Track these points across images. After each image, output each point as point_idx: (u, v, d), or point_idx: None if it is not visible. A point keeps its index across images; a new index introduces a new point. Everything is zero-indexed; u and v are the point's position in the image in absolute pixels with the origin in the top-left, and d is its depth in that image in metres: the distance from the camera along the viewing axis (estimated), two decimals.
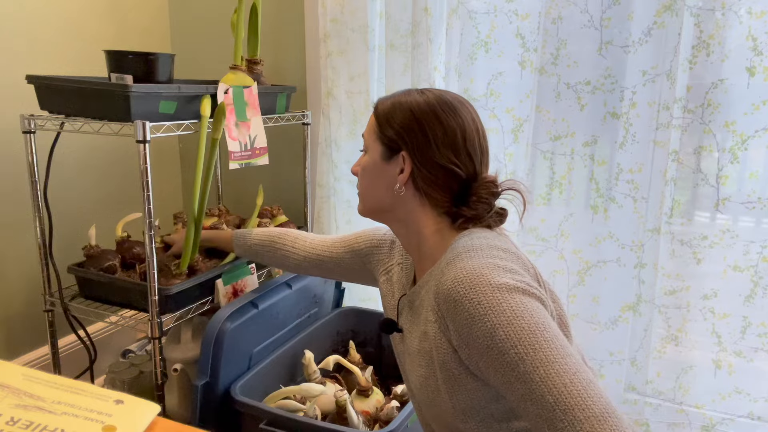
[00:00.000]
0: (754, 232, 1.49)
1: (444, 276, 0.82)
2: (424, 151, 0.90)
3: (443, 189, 0.92)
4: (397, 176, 0.93)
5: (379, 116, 0.95)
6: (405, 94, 0.95)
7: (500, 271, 0.79)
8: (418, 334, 0.91)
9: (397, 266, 1.10)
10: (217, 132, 1.48)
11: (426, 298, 0.90)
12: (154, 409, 0.80)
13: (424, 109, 0.91)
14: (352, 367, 1.50)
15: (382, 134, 0.94)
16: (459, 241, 0.88)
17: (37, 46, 1.74)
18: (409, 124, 0.91)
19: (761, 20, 1.38)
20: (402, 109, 0.92)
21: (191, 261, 1.51)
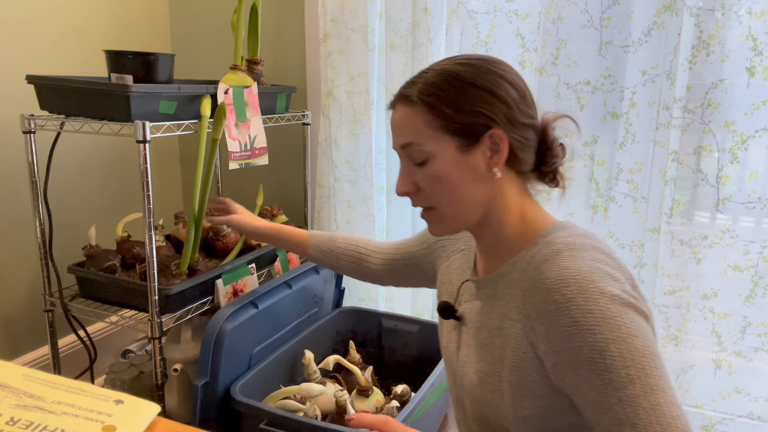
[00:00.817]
0: (754, 232, 1.49)
1: (542, 274, 0.73)
2: (510, 118, 0.79)
3: (531, 149, 0.83)
4: (485, 163, 0.79)
5: (433, 108, 0.79)
6: (438, 75, 0.80)
7: (610, 280, 0.71)
8: (488, 328, 0.83)
9: (459, 252, 0.99)
10: (217, 132, 1.48)
11: (507, 291, 0.81)
12: (154, 409, 0.80)
13: (486, 75, 0.79)
14: (352, 367, 1.50)
15: (452, 124, 0.78)
16: (554, 235, 0.79)
17: (37, 46, 1.74)
18: (484, 97, 0.78)
19: (761, 20, 1.38)
20: (464, 86, 0.78)
21: (191, 261, 1.51)
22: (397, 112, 0.83)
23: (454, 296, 0.95)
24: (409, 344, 1.79)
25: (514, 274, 0.80)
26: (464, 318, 0.90)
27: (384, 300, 1.99)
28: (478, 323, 0.86)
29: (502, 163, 0.80)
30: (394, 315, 1.82)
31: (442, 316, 0.93)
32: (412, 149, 0.81)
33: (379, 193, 1.93)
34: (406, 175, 0.84)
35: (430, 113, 0.79)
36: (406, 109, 0.81)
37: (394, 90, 1.83)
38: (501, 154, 0.79)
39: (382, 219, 1.94)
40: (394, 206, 1.90)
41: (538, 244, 0.79)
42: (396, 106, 0.84)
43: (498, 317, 0.81)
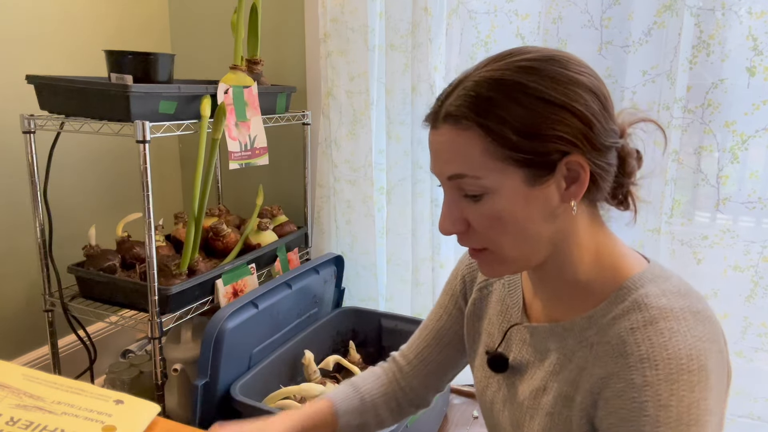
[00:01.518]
0: (754, 232, 1.49)
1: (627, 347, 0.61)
2: (591, 140, 0.62)
3: (612, 174, 0.66)
4: (558, 196, 0.63)
5: (492, 133, 0.61)
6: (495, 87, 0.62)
7: (717, 364, 0.60)
8: (555, 393, 0.69)
9: (498, 282, 0.83)
10: (217, 132, 1.48)
11: (579, 354, 0.67)
12: (154, 409, 0.80)
13: (559, 84, 0.61)
14: (352, 367, 1.50)
15: (519, 153, 0.60)
16: (644, 290, 0.64)
17: (37, 46, 1.74)
18: (560, 115, 0.60)
19: (761, 20, 1.38)
20: (532, 102, 0.60)
21: (191, 261, 1.51)
22: (442, 134, 0.64)
23: (498, 340, 0.79)
24: None
25: (590, 332, 0.66)
26: (516, 370, 0.75)
27: (384, 300, 1.99)
28: (541, 383, 0.71)
29: (581, 194, 0.63)
30: (394, 315, 1.82)
31: (494, 369, 0.77)
32: (464, 181, 0.63)
33: (379, 193, 1.93)
34: (455, 209, 0.66)
35: (490, 140, 0.61)
36: (455, 132, 0.62)
37: (395, 89, 1.84)
38: (581, 185, 0.63)
39: (382, 219, 1.94)
40: (394, 206, 1.90)
41: (625, 299, 0.64)
42: (437, 126, 0.64)
43: (567, 383, 0.67)
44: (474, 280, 0.87)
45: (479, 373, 0.83)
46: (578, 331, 0.67)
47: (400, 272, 1.96)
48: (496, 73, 0.62)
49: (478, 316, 0.85)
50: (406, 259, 1.92)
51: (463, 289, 0.88)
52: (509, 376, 0.76)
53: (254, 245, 1.75)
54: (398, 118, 1.83)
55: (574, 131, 0.61)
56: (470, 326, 0.86)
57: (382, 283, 1.98)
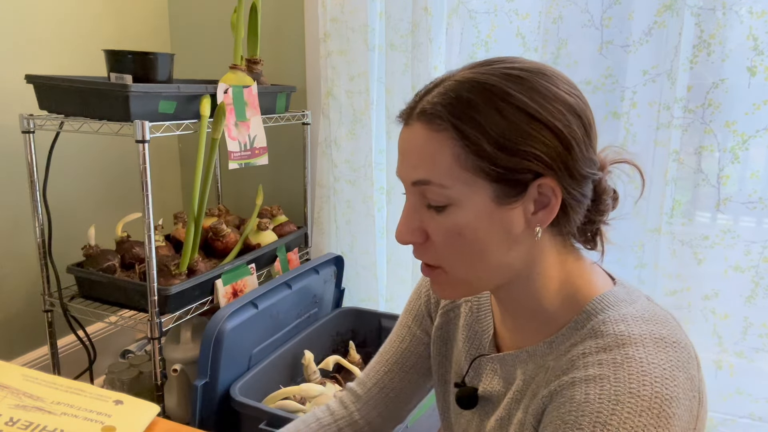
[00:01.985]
0: (755, 232, 1.49)
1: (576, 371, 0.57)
2: (569, 166, 0.58)
3: (585, 207, 0.62)
4: (524, 220, 0.59)
5: (467, 139, 0.56)
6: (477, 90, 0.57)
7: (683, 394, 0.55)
8: (516, 422, 0.65)
9: (465, 304, 0.78)
10: (217, 132, 1.48)
11: (536, 378, 0.64)
12: (154, 410, 0.80)
13: (545, 100, 0.57)
14: (352, 367, 1.50)
15: (492, 166, 0.56)
16: (603, 315, 0.60)
17: (37, 46, 1.74)
18: (541, 133, 0.56)
19: (762, 20, 1.38)
20: (514, 114, 0.56)
21: (191, 261, 1.51)
22: (413, 132, 0.59)
23: (465, 369, 0.75)
24: None
25: (549, 358, 0.63)
26: (487, 401, 0.71)
27: (384, 300, 1.99)
28: (504, 412, 0.67)
29: (548, 222, 0.59)
30: (394, 315, 1.82)
31: (463, 406, 0.72)
32: (429, 189, 0.59)
33: (379, 193, 1.93)
34: (415, 218, 0.61)
35: (464, 146, 0.56)
36: (426, 132, 0.58)
37: (395, 89, 1.84)
38: (549, 211, 0.59)
39: (382, 219, 1.94)
40: (394, 206, 1.90)
41: (583, 326, 0.61)
42: (410, 122, 0.60)
43: (523, 410, 0.64)
44: (438, 302, 0.81)
45: (450, 401, 0.78)
46: (539, 357, 0.64)
47: (400, 272, 1.95)
48: (481, 77, 0.58)
49: (445, 341, 0.79)
50: (406, 259, 1.92)
51: (428, 309, 0.83)
52: (481, 407, 0.72)
53: (254, 245, 1.75)
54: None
55: (552, 153, 0.57)
56: (437, 350, 0.80)
57: (382, 283, 1.97)
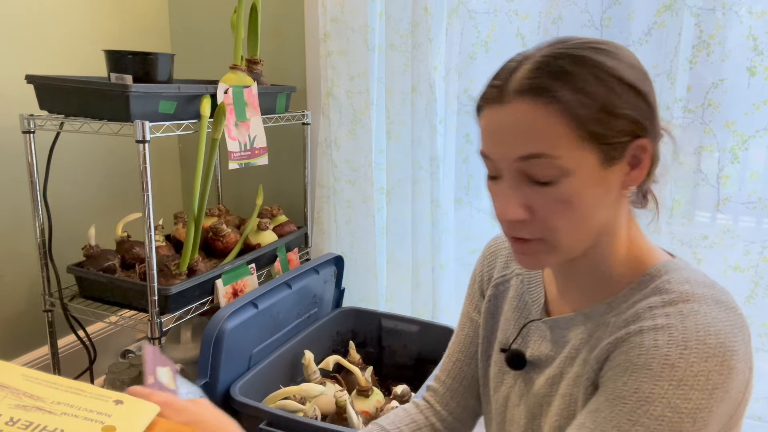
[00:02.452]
0: (754, 232, 1.49)
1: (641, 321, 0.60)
2: (654, 125, 0.63)
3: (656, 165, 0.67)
4: (620, 180, 0.63)
5: (581, 108, 0.58)
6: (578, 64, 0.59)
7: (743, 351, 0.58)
8: (569, 377, 0.68)
9: (516, 278, 0.81)
10: (217, 132, 1.48)
11: (595, 335, 0.66)
12: (154, 410, 0.80)
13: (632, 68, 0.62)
14: (352, 367, 1.50)
15: (601, 130, 0.59)
16: (667, 276, 0.63)
17: (37, 46, 1.74)
18: (634, 97, 0.60)
19: (762, 20, 1.38)
20: (613, 82, 0.59)
21: (191, 261, 1.51)
22: (515, 109, 0.60)
23: (513, 336, 0.78)
24: (410, 344, 1.79)
25: (609, 316, 0.65)
26: (534, 365, 0.74)
27: (384, 300, 1.99)
28: (557, 370, 0.70)
29: (641, 180, 0.64)
30: (394, 315, 1.82)
31: (513, 366, 0.76)
32: (539, 163, 0.60)
33: (379, 193, 1.93)
34: (518, 194, 0.62)
35: (574, 115, 0.58)
36: (532, 107, 0.59)
37: (395, 89, 1.84)
38: (642, 169, 0.63)
39: (382, 219, 1.94)
40: (394, 206, 1.90)
41: (646, 286, 0.64)
42: (507, 101, 0.61)
43: (579, 364, 0.67)
44: (491, 278, 0.85)
45: (493, 371, 0.81)
46: (597, 316, 0.67)
47: (400, 272, 1.96)
48: (570, 50, 0.60)
49: (493, 313, 0.83)
50: (406, 259, 1.92)
51: (481, 289, 0.87)
52: (526, 371, 0.75)
53: (254, 245, 1.75)
54: (398, 118, 1.83)
55: (644, 114, 0.61)
56: (485, 322, 0.84)
57: (382, 283, 1.97)
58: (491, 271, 0.85)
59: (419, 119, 1.75)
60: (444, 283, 1.83)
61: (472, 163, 1.78)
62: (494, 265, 0.85)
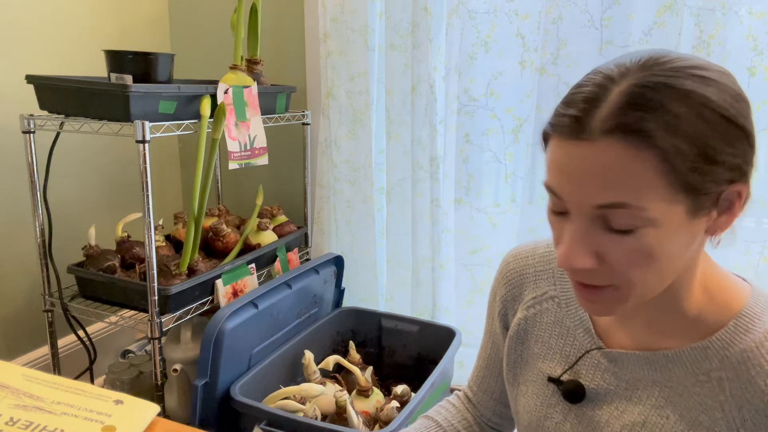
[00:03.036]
0: (754, 232, 1.49)
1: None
2: (752, 168, 0.55)
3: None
4: (705, 226, 0.55)
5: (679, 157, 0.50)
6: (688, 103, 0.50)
7: None
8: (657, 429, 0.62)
9: (551, 300, 0.74)
10: (217, 132, 1.48)
11: (698, 390, 0.60)
12: (154, 410, 0.80)
13: (741, 105, 0.53)
14: (352, 367, 1.50)
15: (697, 180, 0.51)
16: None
17: (37, 46, 1.74)
18: (742, 142, 0.52)
19: (762, 20, 1.38)
20: (725, 127, 0.51)
21: (191, 261, 1.51)
22: (599, 149, 0.51)
23: (563, 366, 0.71)
24: (409, 344, 1.79)
25: (709, 366, 0.59)
26: (591, 400, 0.67)
27: (384, 300, 1.99)
28: (639, 417, 0.64)
29: (728, 227, 0.56)
30: (394, 315, 1.82)
31: (570, 399, 0.68)
32: (620, 212, 0.52)
33: (379, 193, 1.93)
34: (589, 242, 0.55)
35: (670, 162, 0.50)
36: (623, 150, 0.50)
37: (395, 89, 1.84)
38: (732, 215, 0.55)
39: (382, 219, 1.94)
40: (394, 206, 1.90)
41: (750, 329, 0.58)
42: (591, 138, 0.51)
43: (686, 423, 0.61)
44: (516, 298, 0.78)
45: (533, 402, 0.74)
46: (689, 363, 0.60)
47: (400, 272, 1.96)
48: (671, 80, 0.51)
49: (522, 339, 0.76)
50: (406, 259, 1.92)
51: (503, 311, 0.81)
52: (581, 406, 0.68)
53: (254, 245, 1.75)
54: (398, 118, 1.83)
55: (745, 157, 0.53)
56: (512, 349, 0.77)
57: (382, 283, 1.98)
58: (518, 291, 0.78)
59: (419, 119, 1.75)
60: (444, 283, 1.83)
61: (472, 163, 1.78)
62: (522, 285, 0.78)
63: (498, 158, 1.75)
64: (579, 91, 0.54)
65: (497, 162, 1.75)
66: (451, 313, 1.88)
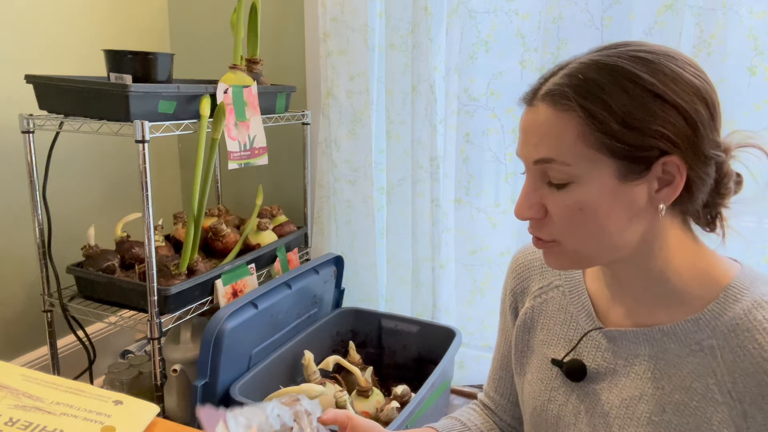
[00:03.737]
0: (755, 232, 1.49)
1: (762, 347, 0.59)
2: (694, 146, 0.59)
3: (708, 187, 0.63)
4: (647, 196, 0.61)
5: (594, 118, 0.58)
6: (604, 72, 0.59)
7: None
8: (661, 401, 0.65)
9: (554, 290, 0.79)
10: (217, 132, 1.48)
11: (692, 360, 0.63)
12: (153, 410, 0.79)
13: (672, 81, 0.58)
14: (352, 367, 1.50)
15: (618, 143, 0.58)
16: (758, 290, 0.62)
17: (37, 46, 1.74)
18: (667, 113, 0.58)
19: (762, 20, 1.38)
20: (641, 94, 0.58)
21: (190, 261, 1.51)
22: (537, 112, 0.62)
23: (566, 349, 0.74)
24: (409, 345, 1.79)
25: (701, 336, 0.63)
26: (593, 379, 0.71)
27: (384, 300, 1.99)
28: (635, 391, 0.67)
29: (672, 199, 0.61)
30: (394, 315, 1.82)
31: (572, 378, 0.72)
32: (551, 166, 0.61)
33: (379, 193, 1.93)
34: (534, 195, 0.64)
35: (589, 124, 0.58)
36: (553, 113, 0.60)
37: (395, 89, 1.84)
38: (674, 189, 0.60)
39: (382, 219, 1.94)
40: (394, 206, 1.90)
41: (738, 299, 0.62)
42: (536, 103, 0.63)
43: (682, 391, 0.64)
44: (525, 290, 0.82)
45: (537, 387, 0.76)
46: (683, 335, 0.64)
47: (400, 272, 1.95)
48: (608, 59, 0.60)
49: (529, 328, 0.80)
50: (406, 259, 1.92)
51: (513, 304, 0.84)
52: (582, 386, 0.71)
53: (254, 245, 1.75)
54: (398, 118, 1.82)
55: (678, 132, 0.58)
56: (519, 338, 0.80)
57: (382, 283, 1.97)
58: (527, 282, 0.83)
59: (419, 119, 1.74)
60: (444, 283, 1.83)
61: (472, 163, 1.78)
62: (529, 277, 0.82)
63: (498, 158, 1.74)
64: (547, 71, 0.65)
65: (497, 162, 1.75)
66: (451, 313, 1.87)
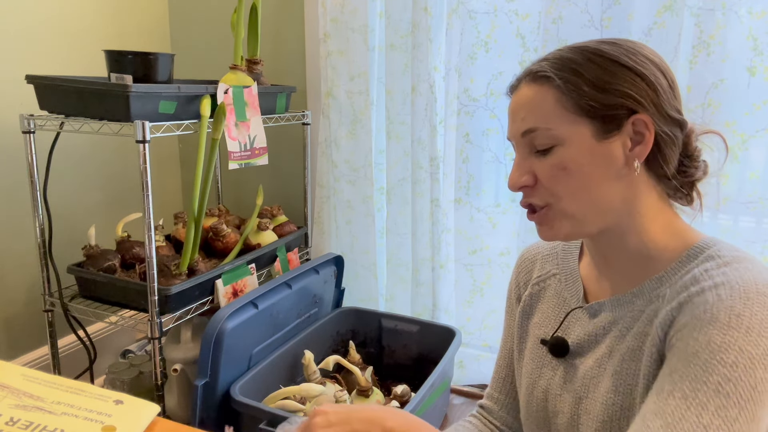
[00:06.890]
0: (754, 232, 1.49)
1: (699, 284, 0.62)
2: (658, 106, 0.67)
3: (677, 150, 0.70)
4: (623, 155, 0.67)
5: (568, 84, 0.67)
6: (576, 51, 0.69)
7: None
8: (620, 353, 0.70)
9: (551, 278, 0.84)
10: (217, 132, 1.48)
11: (649, 309, 0.69)
12: (154, 410, 0.80)
13: (632, 55, 0.68)
14: (352, 367, 1.50)
15: (591, 103, 0.66)
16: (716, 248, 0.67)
17: (37, 46, 1.74)
18: (631, 77, 0.66)
19: (762, 20, 1.38)
20: (607, 64, 0.67)
21: (191, 261, 1.51)
22: (521, 92, 0.71)
23: (555, 327, 0.80)
24: (409, 344, 1.79)
25: (661, 289, 0.68)
26: (576, 353, 0.76)
27: (384, 300, 1.99)
28: (606, 350, 0.72)
29: (645, 156, 0.67)
30: (394, 315, 1.82)
31: (556, 354, 0.77)
32: (536, 134, 0.68)
33: (379, 193, 1.93)
34: (525, 164, 0.70)
35: (565, 91, 0.67)
36: (534, 88, 0.69)
37: (395, 89, 1.84)
38: (645, 145, 0.67)
39: (382, 219, 1.94)
40: (394, 206, 1.90)
41: (696, 257, 0.67)
42: (519, 86, 0.72)
43: (634, 338, 0.69)
44: (528, 280, 0.87)
45: (530, 366, 0.81)
46: (648, 291, 0.69)
47: (400, 272, 1.96)
48: (580, 44, 0.70)
49: (528, 314, 0.85)
50: (406, 259, 1.92)
51: (517, 295, 0.89)
52: (567, 360, 0.77)
53: (254, 245, 1.75)
54: (398, 118, 1.83)
55: (641, 92, 0.66)
56: (519, 325, 0.85)
57: (382, 283, 1.98)
58: (529, 274, 0.88)
59: (419, 119, 1.75)
60: (444, 283, 1.83)
61: (472, 163, 1.78)
62: (532, 269, 0.88)
63: (498, 158, 1.74)
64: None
65: (497, 162, 1.75)
66: (451, 313, 1.88)
